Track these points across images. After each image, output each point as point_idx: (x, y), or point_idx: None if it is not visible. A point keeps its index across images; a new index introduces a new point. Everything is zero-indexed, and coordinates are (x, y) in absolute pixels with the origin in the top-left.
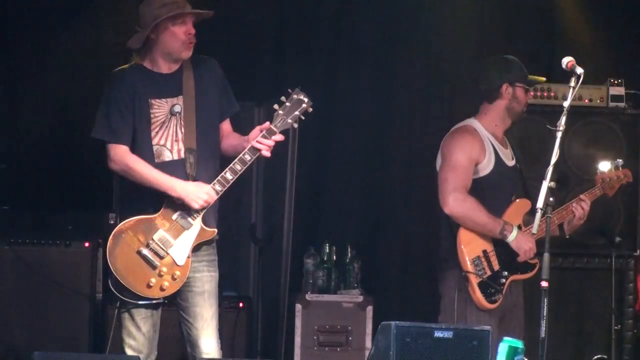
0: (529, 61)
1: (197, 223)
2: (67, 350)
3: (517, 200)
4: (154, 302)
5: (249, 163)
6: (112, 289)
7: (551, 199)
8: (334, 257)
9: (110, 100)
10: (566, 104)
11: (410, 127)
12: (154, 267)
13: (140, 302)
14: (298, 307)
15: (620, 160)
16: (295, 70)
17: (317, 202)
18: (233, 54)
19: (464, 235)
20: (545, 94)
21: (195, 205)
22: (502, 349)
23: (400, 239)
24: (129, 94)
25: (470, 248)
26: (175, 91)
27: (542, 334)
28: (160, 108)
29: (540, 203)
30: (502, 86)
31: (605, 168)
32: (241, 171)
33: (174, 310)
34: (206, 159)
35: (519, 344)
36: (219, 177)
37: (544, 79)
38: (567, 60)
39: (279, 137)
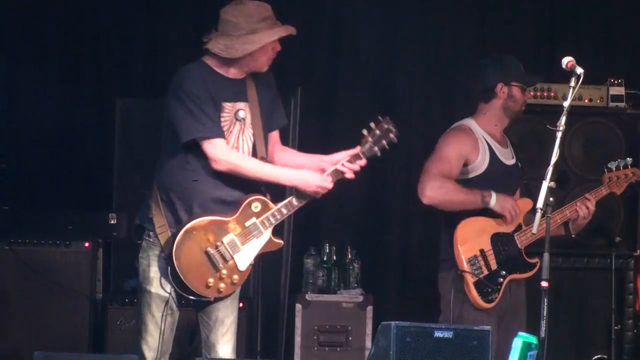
0: (529, 61)
1: (267, 233)
2: (67, 350)
3: (518, 199)
4: (203, 299)
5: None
6: (174, 285)
7: (551, 199)
8: (334, 257)
9: (193, 96)
10: (566, 104)
11: (410, 127)
12: (216, 268)
13: (191, 297)
14: (298, 307)
15: (630, 158)
16: (295, 70)
17: (317, 202)
18: None
19: (460, 235)
20: (545, 94)
21: (314, 192)
22: (517, 344)
23: (400, 239)
24: (209, 92)
25: (467, 247)
26: (241, 96)
27: (542, 334)
28: (228, 112)
29: (540, 203)
30: (497, 85)
31: (613, 166)
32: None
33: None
34: None
35: (533, 339)
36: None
37: (541, 77)
38: (567, 60)
39: (364, 162)
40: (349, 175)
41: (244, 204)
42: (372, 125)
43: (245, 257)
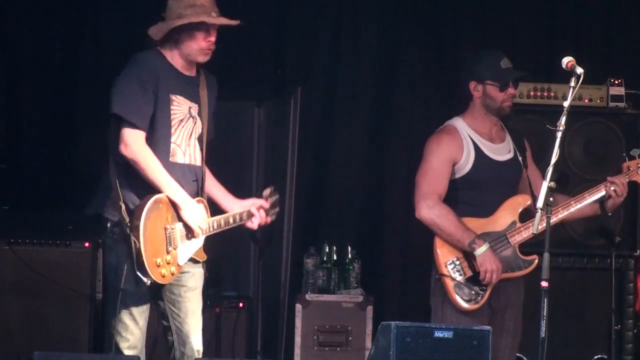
0: (529, 61)
1: (202, 239)
2: (67, 350)
3: (514, 195)
4: (149, 284)
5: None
6: (135, 263)
7: (551, 199)
8: (334, 257)
9: (133, 78)
10: (566, 104)
11: (410, 127)
12: (167, 250)
13: (142, 282)
14: (298, 307)
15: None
16: (296, 70)
17: (317, 202)
18: (233, 53)
19: (439, 239)
20: (545, 94)
21: (196, 230)
22: None
23: (400, 239)
24: (154, 79)
25: (446, 250)
26: (194, 96)
27: (542, 334)
28: (179, 106)
29: (540, 203)
30: (470, 84)
31: (636, 154)
32: (226, 228)
33: None
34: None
35: None
36: (218, 218)
37: (524, 73)
38: (567, 60)
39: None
40: (252, 225)
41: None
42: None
43: (184, 252)
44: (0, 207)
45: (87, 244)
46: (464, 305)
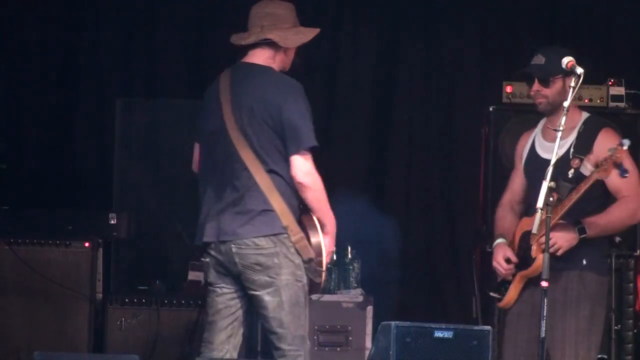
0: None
1: None
2: (67, 350)
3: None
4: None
5: None
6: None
7: (551, 199)
8: (334, 257)
9: (308, 109)
10: (566, 104)
11: (410, 127)
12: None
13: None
14: None
15: (627, 140)
16: (295, 70)
17: None
18: (233, 53)
19: None
20: None
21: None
22: None
23: (400, 239)
24: None
25: None
26: None
27: (542, 334)
28: None
29: (540, 203)
30: None
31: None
32: None
33: (174, 309)
34: None
35: None
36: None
37: (525, 69)
38: (567, 60)
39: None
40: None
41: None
42: None
43: None
44: (0, 207)
45: (87, 244)
46: (498, 303)
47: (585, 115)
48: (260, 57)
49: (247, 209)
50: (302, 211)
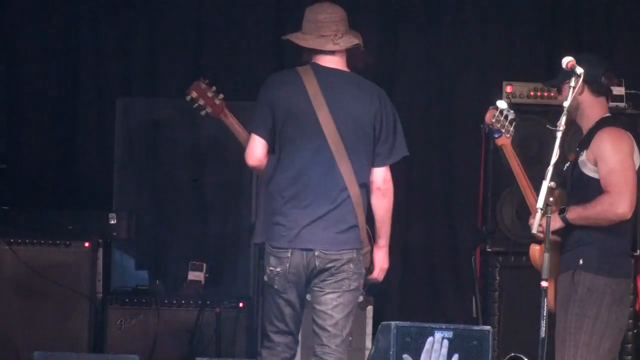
0: (529, 61)
1: None
2: (67, 350)
3: None
4: None
5: None
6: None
7: (551, 199)
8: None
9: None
10: (566, 104)
11: (410, 127)
12: None
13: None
14: None
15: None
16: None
17: None
18: (233, 53)
19: None
20: (545, 94)
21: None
22: None
23: (400, 239)
24: None
25: None
26: None
27: (542, 334)
28: None
29: (540, 203)
30: None
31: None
32: None
33: (174, 309)
34: None
35: None
36: None
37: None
38: (567, 60)
39: None
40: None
41: None
42: None
43: None
44: (0, 207)
45: (87, 244)
46: None
47: (605, 115)
48: (339, 62)
49: (339, 224)
50: None
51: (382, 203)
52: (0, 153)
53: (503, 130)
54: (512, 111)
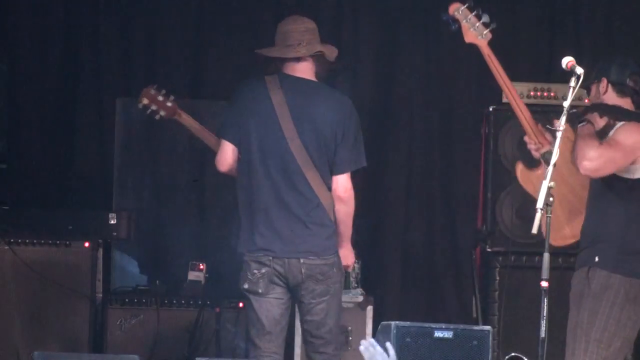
0: (529, 61)
1: None
2: (67, 350)
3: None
4: None
5: None
6: None
7: (551, 199)
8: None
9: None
10: (566, 104)
11: (410, 127)
12: None
13: None
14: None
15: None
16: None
17: None
18: (233, 53)
19: None
20: (545, 94)
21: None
22: None
23: (400, 239)
24: None
25: None
26: None
27: (542, 334)
28: None
29: (540, 203)
30: None
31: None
32: None
33: (174, 309)
34: None
35: None
36: None
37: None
38: (567, 60)
39: None
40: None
41: None
42: None
43: None
44: (0, 207)
45: (87, 244)
46: None
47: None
48: (306, 71)
49: (316, 227)
50: None
51: (343, 208)
52: (0, 153)
53: (468, 25)
54: (486, 14)
